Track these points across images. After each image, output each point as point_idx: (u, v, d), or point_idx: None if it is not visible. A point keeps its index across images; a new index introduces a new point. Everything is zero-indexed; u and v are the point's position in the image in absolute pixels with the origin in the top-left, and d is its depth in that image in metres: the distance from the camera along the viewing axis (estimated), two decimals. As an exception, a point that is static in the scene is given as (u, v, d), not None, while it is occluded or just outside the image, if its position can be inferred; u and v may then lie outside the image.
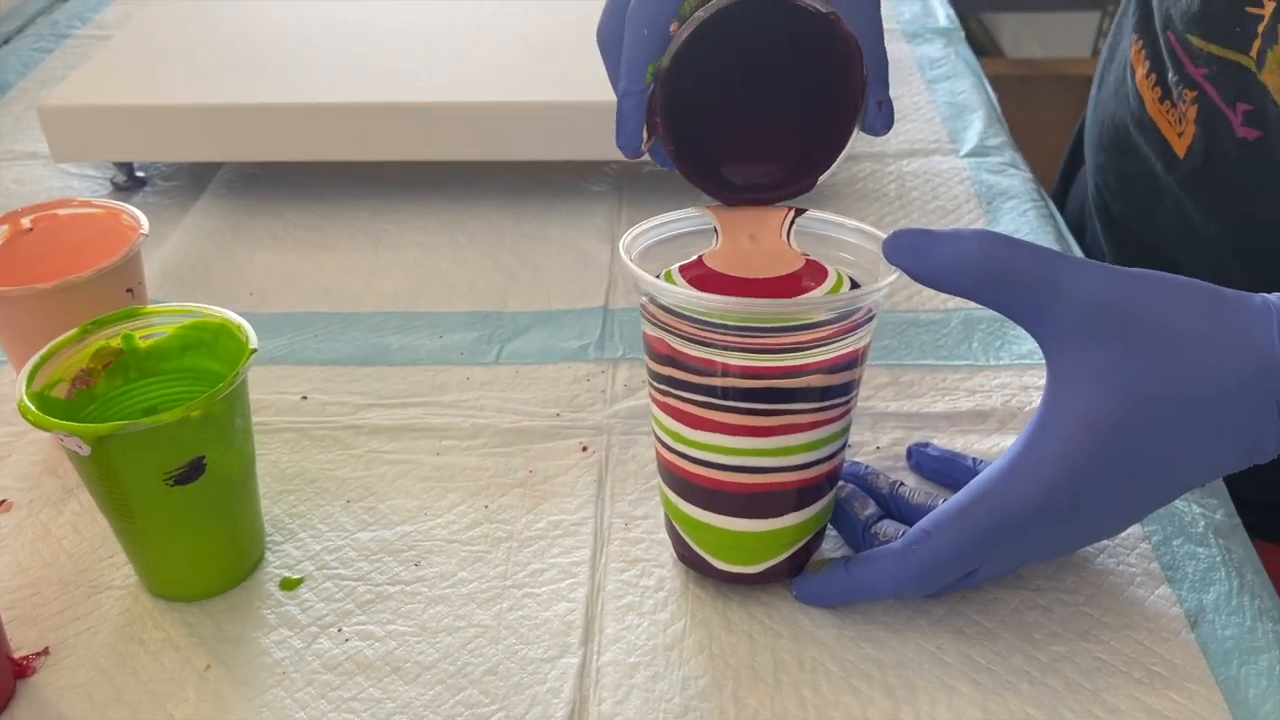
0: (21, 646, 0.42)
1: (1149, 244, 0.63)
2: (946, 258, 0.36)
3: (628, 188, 0.70)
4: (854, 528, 0.44)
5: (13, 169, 0.73)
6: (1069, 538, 0.39)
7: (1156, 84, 0.59)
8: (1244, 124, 0.53)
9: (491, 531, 0.46)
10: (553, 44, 0.72)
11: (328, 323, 0.59)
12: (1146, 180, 0.61)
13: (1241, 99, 0.52)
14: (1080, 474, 0.36)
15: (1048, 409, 0.36)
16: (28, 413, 0.39)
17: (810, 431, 0.39)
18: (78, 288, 0.46)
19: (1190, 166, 0.57)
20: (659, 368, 0.40)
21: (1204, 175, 0.56)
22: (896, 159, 0.72)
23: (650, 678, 0.40)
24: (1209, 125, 0.55)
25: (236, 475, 0.42)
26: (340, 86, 0.67)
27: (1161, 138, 0.59)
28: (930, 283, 0.37)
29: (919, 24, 0.91)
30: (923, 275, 0.36)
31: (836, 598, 0.42)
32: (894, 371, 0.54)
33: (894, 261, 0.37)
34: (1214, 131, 0.55)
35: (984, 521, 0.38)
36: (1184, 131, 0.57)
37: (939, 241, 0.36)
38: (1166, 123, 0.58)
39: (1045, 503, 0.36)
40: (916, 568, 0.39)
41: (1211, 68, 0.54)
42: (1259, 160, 0.53)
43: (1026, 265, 0.35)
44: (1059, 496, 0.36)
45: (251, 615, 0.43)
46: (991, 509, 0.37)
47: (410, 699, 0.40)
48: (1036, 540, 0.38)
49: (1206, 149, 0.56)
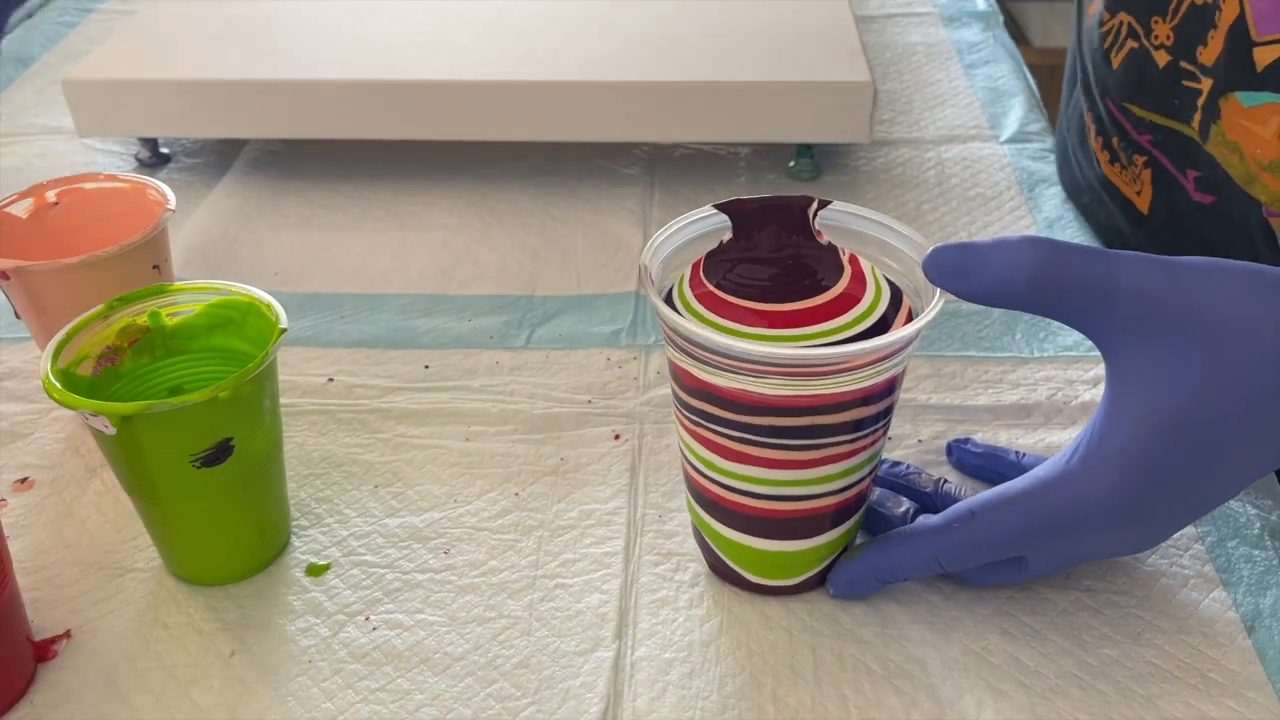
0: (43, 629, 0.41)
1: None
2: (995, 274, 0.34)
3: (660, 170, 0.69)
4: (890, 526, 0.42)
5: (36, 143, 0.73)
6: (1127, 538, 0.37)
7: (1104, 147, 0.58)
8: (1197, 190, 0.51)
9: (522, 520, 0.45)
10: (583, 23, 0.71)
11: (354, 304, 0.58)
12: (1116, 238, 0.60)
13: (1191, 166, 0.51)
14: (1146, 473, 0.34)
15: (1109, 409, 0.35)
16: (53, 390, 0.38)
17: (849, 459, 0.38)
18: (104, 263, 0.45)
19: (1156, 223, 0.56)
20: (690, 399, 0.38)
21: (1169, 233, 0.55)
22: (935, 145, 0.71)
23: (686, 674, 0.39)
24: (1165, 187, 0.54)
25: (263, 458, 0.41)
26: (368, 63, 0.66)
27: (1123, 197, 0.58)
28: (981, 300, 0.35)
29: (956, 7, 0.89)
30: (972, 294, 0.35)
31: (872, 578, 0.40)
32: (935, 363, 0.53)
33: (939, 283, 0.35)
34: (1170, 193, 0.54)
35: (1038, 513, 0.36)
36: (1141, 190, 0.56)
37: (984, 256, 0.34)
38: (1124, 183, 0.57)
39: (1106, 501, 0.35)
40: (957, 542, 0.38)
41: (1156, 135, 0.53)
42: (1218, 221, 0.51)
43: (1081, 269, 0.34)
44: (1121, 495, 0.35)
45: (277, 601, 0.42)
46: (1047, 502, 0.36)
47: (440, 690, 0.39)
48: (1092, 539, 0.37)
49: (1169, 209, 0.54)
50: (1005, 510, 0.37)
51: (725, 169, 0.69)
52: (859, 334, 0.37)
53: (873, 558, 0.40)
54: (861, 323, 0.37)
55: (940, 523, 0.39)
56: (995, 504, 0.38)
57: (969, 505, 0.38)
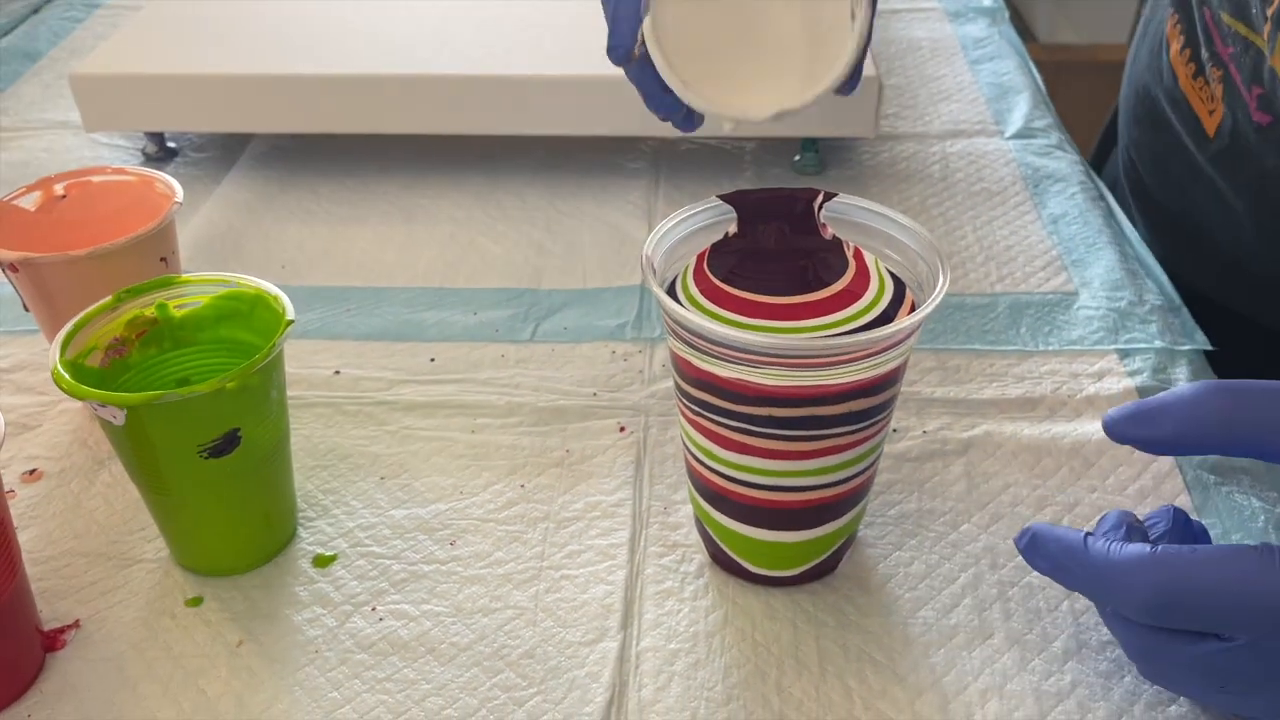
0: (51, 619, 0.41)
1: (1181, 217, 0.62)
2: (1179, 430, 0.34)
3: (664, 164, 0.69)
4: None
5: (44, 138, 0.73)
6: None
7: (1190, 59, 0.58)
8: (1258, 108, 0.51)
9: (528, 511, 0.45)
10: (590, 17, 0.71)
11: (361, 297, 0.58)
12: (1179, 155, 0.60)
13: (1255, 82, 0.51)
14: None
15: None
16: (62, 381, 0.38)
17: (850, 450, 0.38)
18: (111, 255, 0.45)
19: (1219, 145, 0.56)
20: (691, 389, 0.38)
21: (1230, 155, 0.55)
22: (940, 139, 0.71)
23: (691, 665, 0.39)
24: (1232, 106, 0.54)
25: (271, 449, 0.41)
26: (374, 58, 0.66)
27: (1193, 114, 0.58)
28: (1167, 452, 0.36)
29: (962, 3, 0.89)
30: (1159, 447, 0.35)
31: (1074, 575, 0.36)
32: (940, 356, 0.53)
33: (1125, 442, 0.36)
34: (1235, 111, 0.54)
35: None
36: (1214, 109, 0.56)
37: (1161, 413, 0.35)
38: (1199, 100, 0.57)
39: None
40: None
41: (1236, 47, 0.53)
42: (1271, 145, 0.51)
43: (1268, 408, 0.34)
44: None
45: (284, 592, 0.42)
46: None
47: (446, 680, 0.39)
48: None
49: (1232, 129, 0.54)
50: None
51: (730, 163, 0.69)
52: (862, 327, 0.37)
53: (1093, 556, 0.35)
54: (864, 316, 0.38)
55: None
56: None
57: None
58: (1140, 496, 0.45)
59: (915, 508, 0.45)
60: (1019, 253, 0.60)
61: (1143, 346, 0.53)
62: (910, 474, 0.47)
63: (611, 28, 0.38)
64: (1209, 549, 0.33)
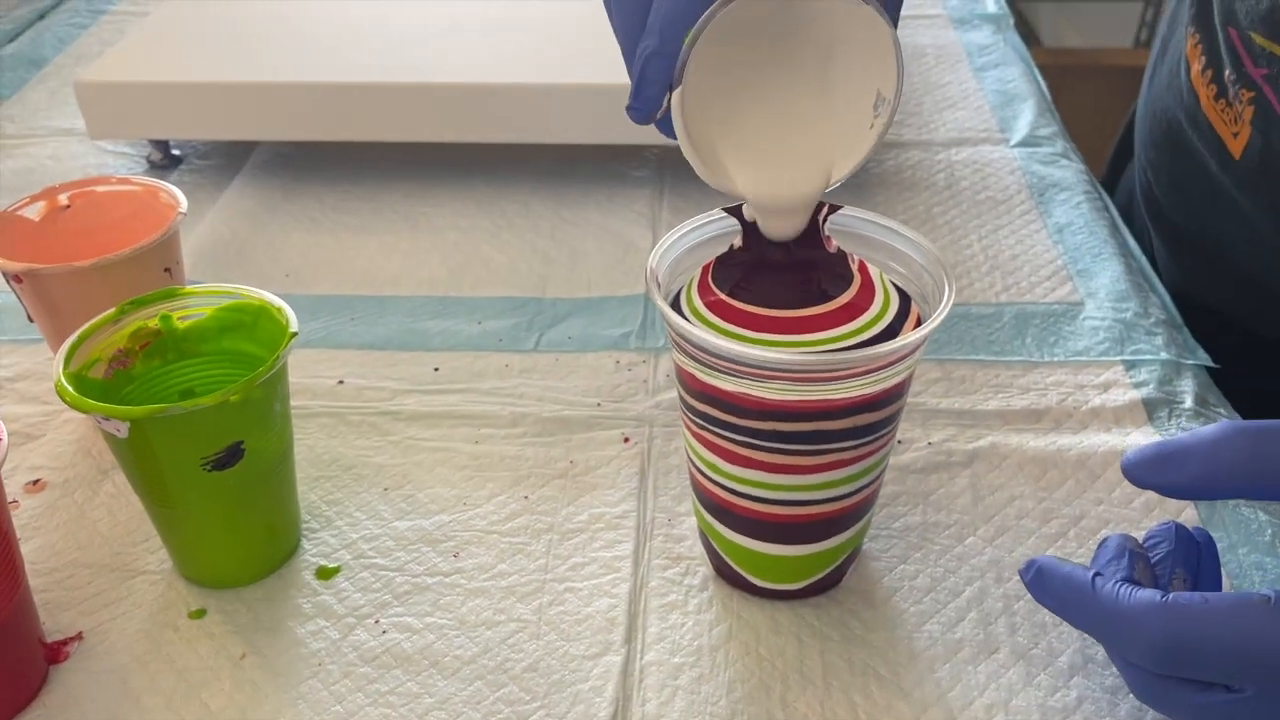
0: (54, 631, 0.41)
1: (1199, 235, 0.61)
2: (1201, 474, 0.34)
3: (669, 173, 0.69)
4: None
5: (48, 145, 0.73)
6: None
7: (1212, 81, 0.57)
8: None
9: (532, 523, 0.45)
10: (595, 26, 0.71)
11: (364, 306, 0.58)
12: (1200, 178, 0.59)
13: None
14: None
15: None
16: (65, 393, 0.38)
17: (855, 465, 0.37)
18: (115, 266, 0.45)
19: (1248, 167, 0.55)
20: (695, 402, 0.38)
21: (1262, 176, 0.55)
22: (945, 148, 0.71)
23: (695, 679, 0.39)
24: (1265, 128, 0.53)
25: (274, 461, 0.41)
26: (378, 66, 0.66)
27: (1216, 136, 0.57)
28: (1188, 497, 0.35)
29: (967, 9, 0.89)
30: (1181, 493, 0.35)
31: (1079, 610, 0.35)
32: (945, 367, 0.53)
33: (1146, 486, 0.35)
34: (1269, 135, 0.53)
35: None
36: (1239, 132, 0.55)
37: (1183, 456, 0.34)
38: (1221, 121, 0.56)
39: None
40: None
41: (1273, 68, 0.52)
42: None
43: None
44: None
45: (287, 604, 0.42)
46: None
47: (449, 694, 0.39)
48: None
49: (1264, 150, 0.54)
50: None
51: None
52: (867, 341, 0.37)
53: (1095, 596, 0.34)
54: (870, 330, 0.37)
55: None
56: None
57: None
58: (1146, 510, 0.45)
59: (920, 520, 0.45)
60: (1024, 262, 0.60)
61: (1149, 358, 0.53)
62: (915, 486, 0.46)
63: (637, 88, 0.37)
64: (1219, 598, 0.32)
